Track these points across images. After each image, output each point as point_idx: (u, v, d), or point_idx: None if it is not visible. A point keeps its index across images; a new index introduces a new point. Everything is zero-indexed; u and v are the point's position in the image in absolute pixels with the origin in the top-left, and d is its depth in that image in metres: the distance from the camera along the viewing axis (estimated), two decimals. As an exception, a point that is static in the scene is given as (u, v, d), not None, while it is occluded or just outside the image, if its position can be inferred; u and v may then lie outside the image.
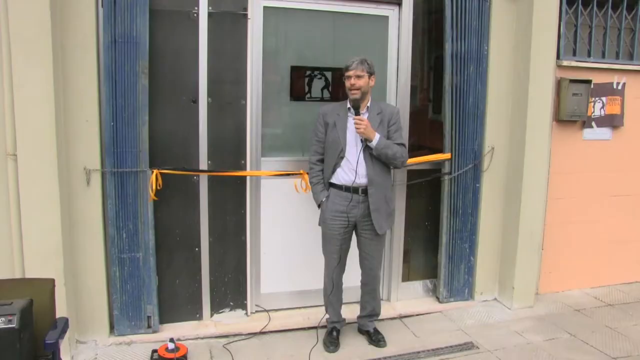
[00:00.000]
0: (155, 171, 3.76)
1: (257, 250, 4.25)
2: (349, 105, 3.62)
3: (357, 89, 3.53)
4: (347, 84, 3.57)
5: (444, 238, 4.51)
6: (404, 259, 4.62)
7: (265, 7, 4.01)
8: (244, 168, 4.06)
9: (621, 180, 5.05)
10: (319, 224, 3.80)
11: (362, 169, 3.57)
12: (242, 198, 4.12)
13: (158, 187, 3.78)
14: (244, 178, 4.08)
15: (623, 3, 4.80)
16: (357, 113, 3.53)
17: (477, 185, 4.53)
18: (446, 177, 4.41)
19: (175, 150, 3.93)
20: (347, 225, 3.68)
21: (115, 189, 3.73)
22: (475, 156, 4.47)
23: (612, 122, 4.94)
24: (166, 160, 3.89)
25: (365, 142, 3.53)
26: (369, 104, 3.64)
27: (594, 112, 4.85)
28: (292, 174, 4.10)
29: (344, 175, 3.62)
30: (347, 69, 3.56)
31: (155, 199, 3.78)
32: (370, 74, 3.58)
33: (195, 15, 3.86)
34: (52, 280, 2.72)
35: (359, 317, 4.07)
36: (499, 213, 4.65)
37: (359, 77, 3.52)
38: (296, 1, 4.08)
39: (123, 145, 3.71)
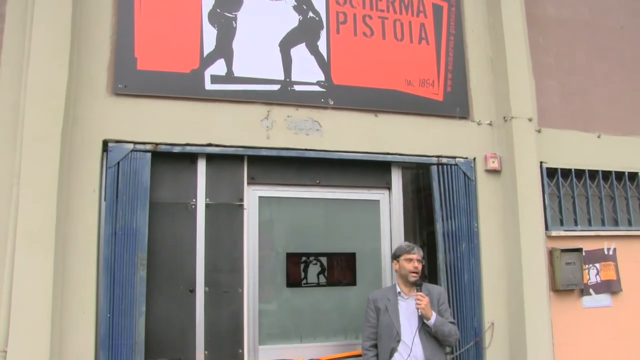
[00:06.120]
0: (150, 363, 3.68)
1: None
2: (398, 290, 3.78)
3: (418, 272, 3.76)
4: (411, 266, 3.76)
5: (450, 423, 4.29)
6: None
7: (260, 197, 4.22)
8: (241, 357, 3.97)
9: (627, 348, 4.91)
10: None
11: (419, 349, 3.62)
12: (240, 388, 3.98)
13: (153, 380, 3.67)
14: (241, 367, 3.97)
15: (598, 174, 5.06)
16: (420, 290, 3.68)
17: (481, 363, 4.41)
18: (448, 357, 4.29)
19: (171, 340, 3.88)
20: None
21: (108, 384, 3.60)
22: (475, 333, 4.40)
23: (610, 288, 4.93)
24: (162, 350, 3.82)
25: (422, 321, 3.64)
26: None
27: (589, 279, 4.86)
28: (291, 363, 4.01)
29: (400, 358, 3.62)
30: (409, 252, 3.80)
31: (149, 393, 3.65)
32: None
33: (193, 206, 4.03)
34: None
35: None
36: (507, 392, 4.46)
37: (419, 261, 3.77)
38: (290, 190, 4.31)
39: (119, 337, 3.66)
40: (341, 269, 4.35)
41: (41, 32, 3.63)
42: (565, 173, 4.95)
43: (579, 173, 5.00)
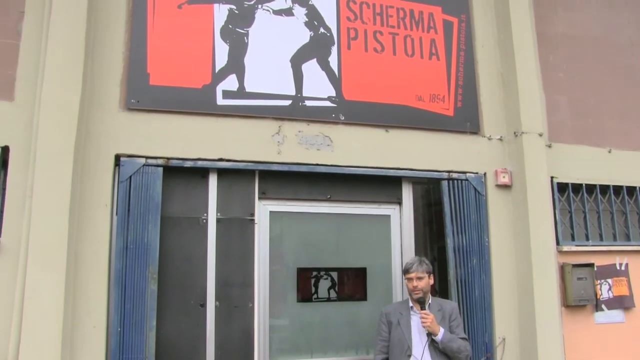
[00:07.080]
0: (160, 379, 3.67)
1: None
2: (410, 304, 3.76)
3: (420, 290, 3.68)
4: (410, 285, 3.74)
5: None
6: None
7: (271, 212, 4.23)
8: (251, 372, 3.96)
9: (641, 365, 4.88)
10: None
11: None
12: (250, 405, 3.96)
13: (163, 396, 3.66)
14: (251, 383, 3.96)
15: (609, 189, 5.04)
16: (423, 308, 3.64)
17: (493, 380, 4.38)
18: (460, 373, 4.26)
19: (182, 354, 3.88)
20: None
21: (118, 399, 3.60)
22: (487, 348, 4.37)
23: (623, 303, 4.89)
24: (172, 365, 3.80)
25: (431, 337, 3.60)
26: (430, 301, 3.75)
27: (602, 294, 4.83)
28: (301, 378, 4.00)
29: None
30: (407, 271, 3.76)
31: (159, 409, 3.63)
32: (430, 273, 3.77)
33: (204, 221, 4.05)
34: None
35: None
36: (518, 410, 4.41)
37: (420, 278, 3.72)
38: (301, 205, 4.32)
39: (129, 352, 3.66)
40: (352, 284, 4.35)
41: (55, 48, 3.67)
42: (576, 188, 4.94)
43: (590, 188, 4.99)
